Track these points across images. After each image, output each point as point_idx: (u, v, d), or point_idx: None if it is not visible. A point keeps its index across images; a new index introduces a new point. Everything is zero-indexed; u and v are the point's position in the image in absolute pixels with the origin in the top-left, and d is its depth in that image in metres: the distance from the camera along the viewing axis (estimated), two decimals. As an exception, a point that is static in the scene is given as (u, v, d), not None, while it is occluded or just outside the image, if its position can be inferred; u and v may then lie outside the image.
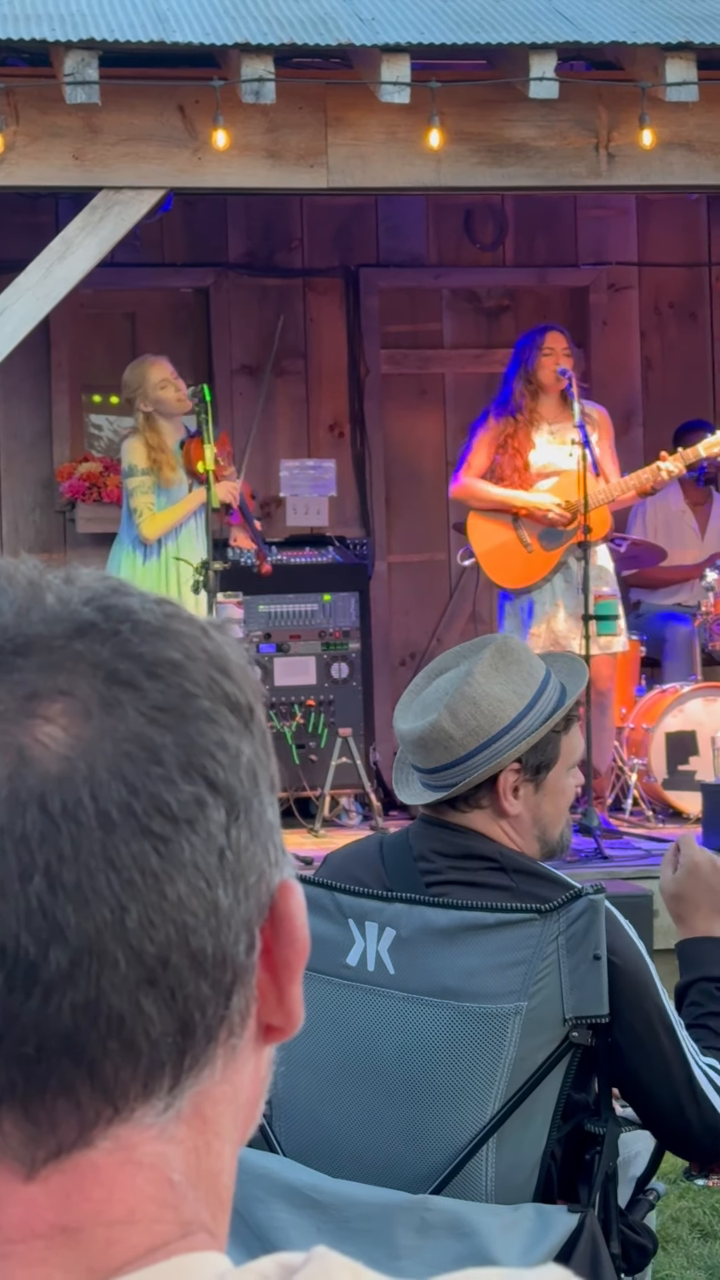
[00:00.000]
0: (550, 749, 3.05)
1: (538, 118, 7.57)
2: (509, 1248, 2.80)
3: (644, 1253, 3.08)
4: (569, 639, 8.08)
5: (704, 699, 8.77)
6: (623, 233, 10.72)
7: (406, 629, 10.42)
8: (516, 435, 8.23)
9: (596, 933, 2.84)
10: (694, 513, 9.96)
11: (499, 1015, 2.84)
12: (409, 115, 7.35)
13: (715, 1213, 4.96)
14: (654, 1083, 2.93)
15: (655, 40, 7.23)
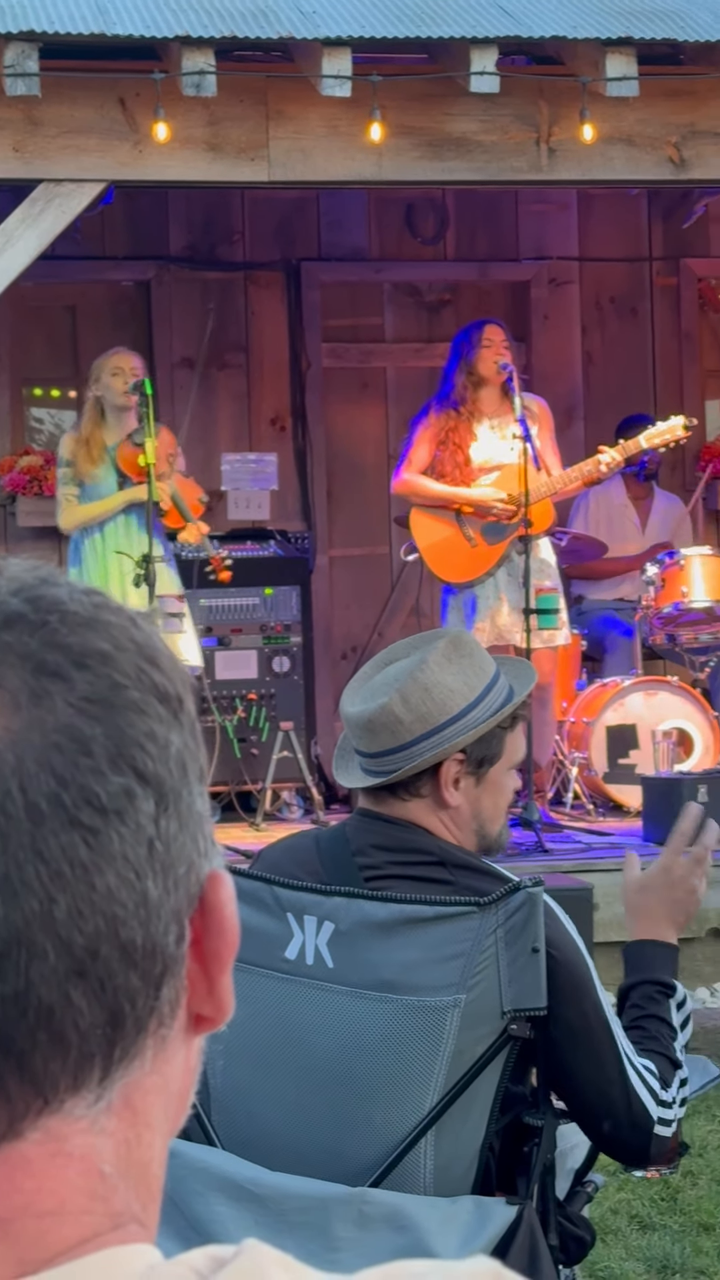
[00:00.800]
0: (495, 744, 3.06)
1: (479, 112, 7.58)
2: (447, 1240, 2.81)
3: (582, 1244, 3.09)
4: (512, 633, 8.10)
5: (644, 693, 8.81)
6: (563, 227, 10.74)
7: (348, 623, 10.42)
8: (458, 429, 8.23)
9: (535, 925, 2.84)
10: (635, 507, 9.99)
11: (437, 1008, 2.84)
12: (350, 109, 7.35)
13: (654, 1204, 4.98)
14: (587, 1078, 2.94)
15: (596, 35, 7.24)
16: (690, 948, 7.41)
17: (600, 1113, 2.96)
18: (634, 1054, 2.98)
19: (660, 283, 10.88)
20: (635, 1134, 2.96)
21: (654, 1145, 2.97)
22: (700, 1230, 4.80)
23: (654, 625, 8.97)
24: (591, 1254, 4.48)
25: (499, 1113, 2.90)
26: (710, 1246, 4.68)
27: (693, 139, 7.77)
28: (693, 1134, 5.47)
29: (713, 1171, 5.20)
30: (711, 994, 7.32)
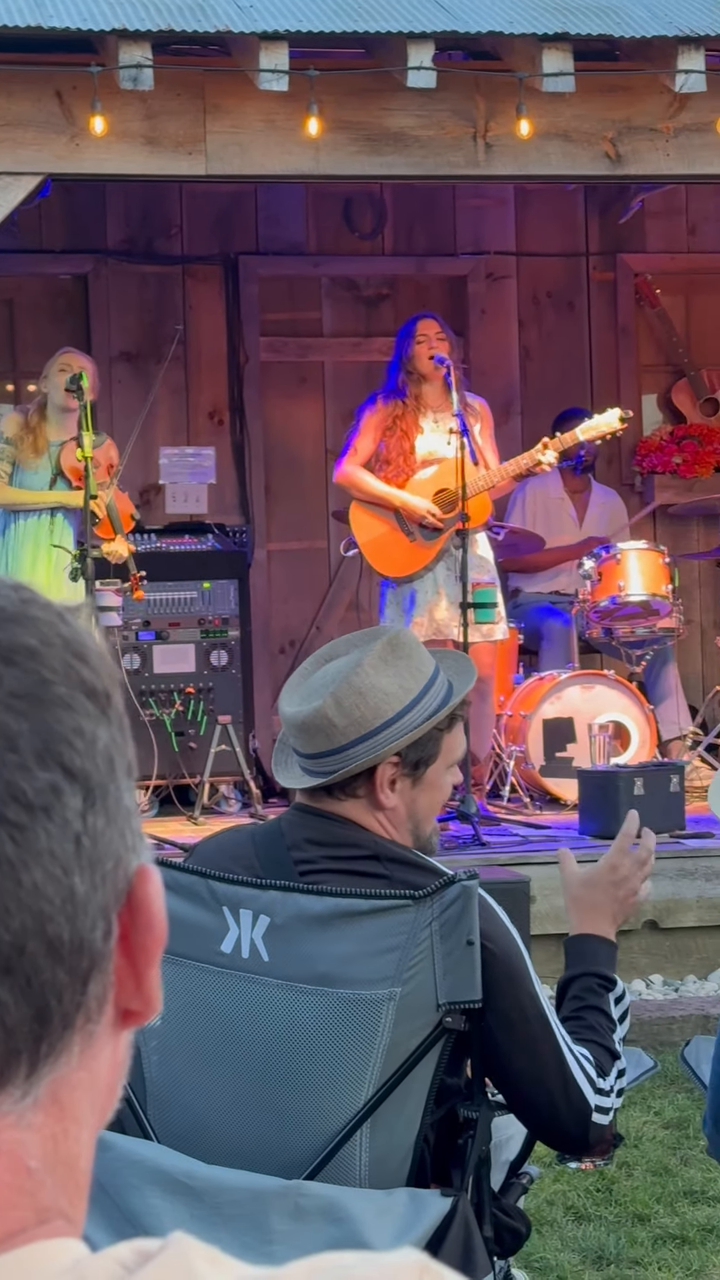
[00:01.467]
0: (431, 745, 3.05)
1: (416, 107, 7.59)
2: (382, 1232, 2.82)
3: (517, 1236, 3.10)
4: (450, 627, 8.12)
5: (581, 686, 8.84)
6: (501, 222, 10.76)
7: (286, 616, 10.42)
8: (404, 418, 8.25)
9: (469, 918, 2.86)
10: (572, 500, 10.02)
11: (373, 1001, 2.85)
12: (287, 103, 7.35)
13: (589, 1195, 5.00)
14: (525, 1069, 2.95)
15: (532, 31, 7.26)
16: (626, 940, 7.44)
17: (538, 1102, 2.97)
18: (571, 1043, 2.99)
19: (597, 278, 10.91)
20: (573, 1122, 2.97)
21: (592, 1133, 2.99)
22: (635, 1221, 4.82)
23: (591, 619, 9.00)
24: (527, 1245, 4.50)
25: (434, 1105, 2.91)
26: (645, 1237, 4.70)
27: (629, 135, 7.80)
28: (628, 1125, 5.50)
29: (648, 1163, 5.22)
30: (647, 986, 7.36)
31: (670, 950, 7.51)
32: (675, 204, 10.91)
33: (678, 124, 7.79)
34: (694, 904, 7.51)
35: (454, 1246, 2.83)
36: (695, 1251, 4.60)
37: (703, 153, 7.83)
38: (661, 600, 8.91)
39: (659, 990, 7.32)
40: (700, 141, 7.81)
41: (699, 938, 7.51)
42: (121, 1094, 1.00)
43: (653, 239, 10.96)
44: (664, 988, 7.35)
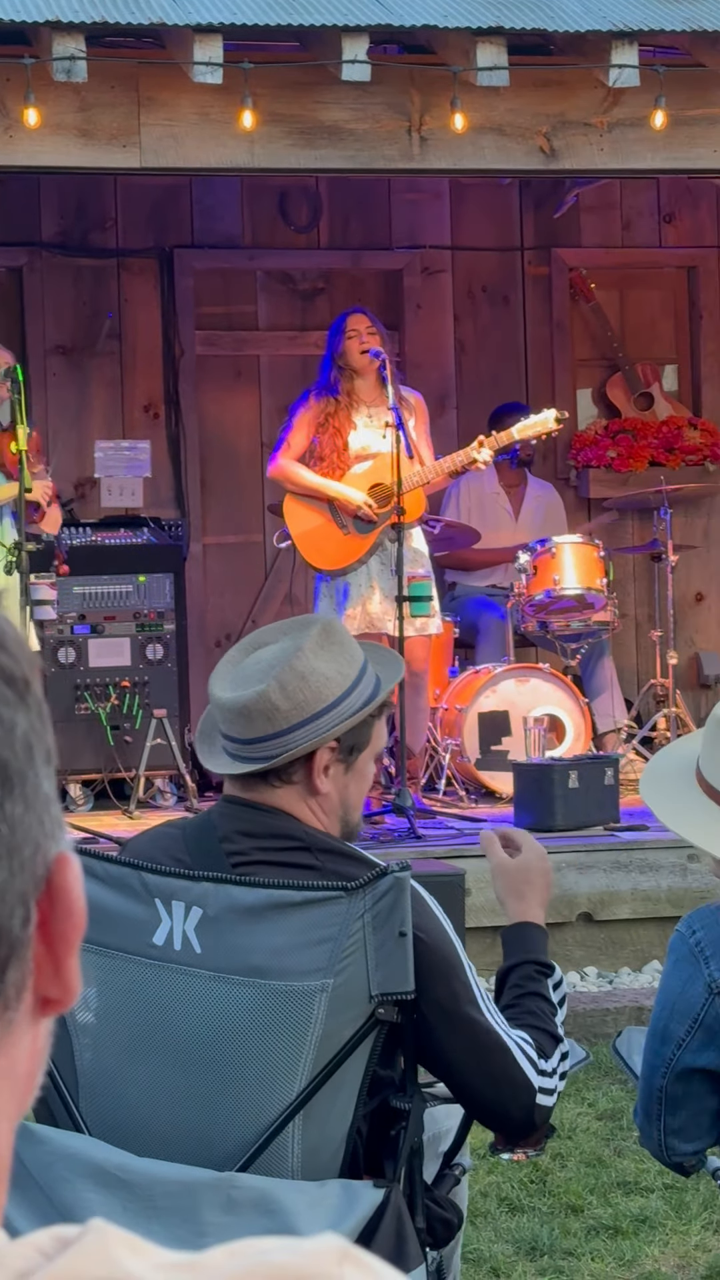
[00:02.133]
0: (365, 732, 3.08)
1: (350, 100, 7.59)
2: (315, 1223, 2.82)
3: (449, 1227, 3.11)
4: (383, 620, 8.12)
5: (516, 680, 8.86)
6: (436, 216, 10.77)
7: (221, 610, 10.42)
8: (337, 414, 8.25)
9: (402, 910, 2.86)
10: (508, 495, 10.04)
11: (305, 993, 2.85)
12: (222, 96, 7.34)
13: (524, 1187, 5.01)
14: (466, 1055, 2.96)
15: (467, 25, 7.27)
16: (561, 932, 7.47)
17: (481, 1088, 2.99)
18: (508, 1028, 3.01)
19: (532, 272, 10.93)
20: (517, 1105, 2.99)
21: (537, 1115, 3.01)
22: (568, 1212, 4.84)
23: (526, 612, 9.03)
24: (461, 1236, 4.52)
25: (367, 1096, 2.91)
26: (578, 1228, 4.72)
27: (563, 129, 7.81)
28: (562, 1117, 5.51)
29: (582, 1154, 5.24)
30: (582, 978, 7.38)
31: (605, 942, 7.54)
32: (610, 198, 10.95)
33: (611, 118, 7.81)
34: (628, 896, 7.54)
35: (386, 1237, 2.84)
36: (628, 1242, 4.62)
37: (636, 147, 7.85)
38: (596, 594, 8.94)
39: (593, 982, 7.34)
40: (634, 136, 7.83)
41: (633, 930, 7.54)
42: (49, 1084, 1.00)
43: (587, 233, 10.99)
44: (598, 980, 7.38)
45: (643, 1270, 4.46)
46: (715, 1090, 3.02)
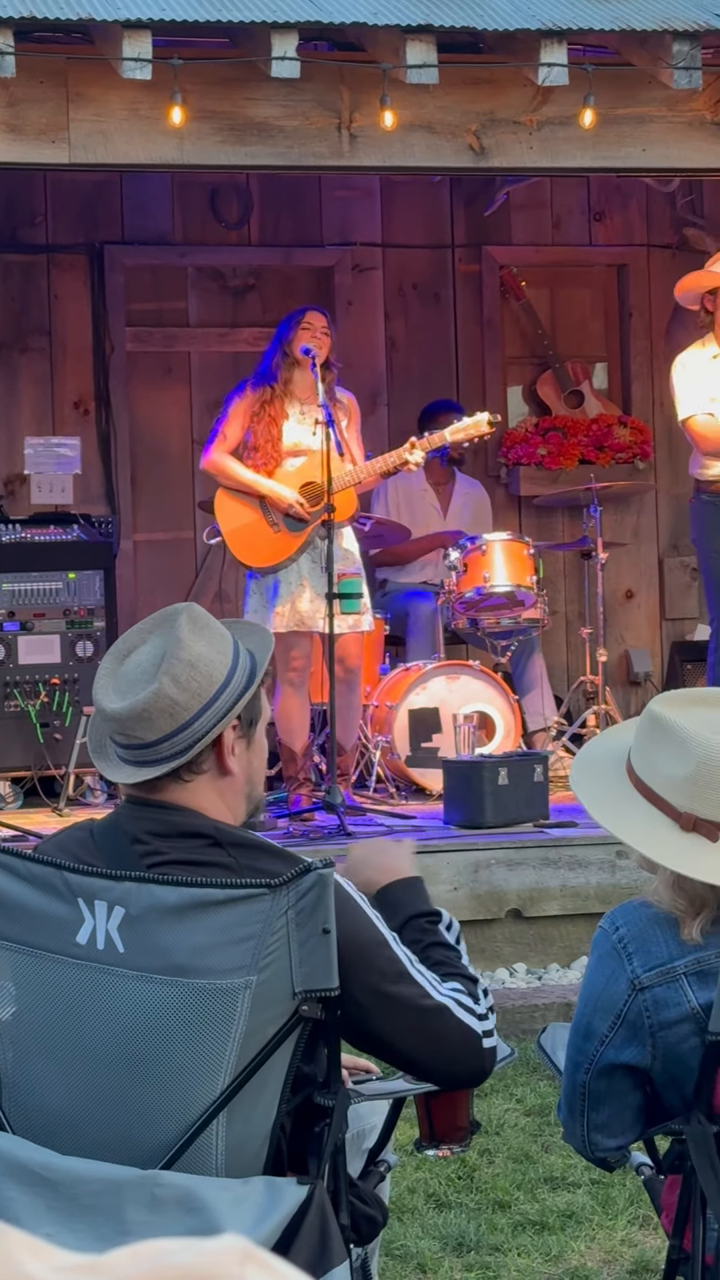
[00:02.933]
0: (257, 704, 3.09)
1: (280, 97, 7.58)
2: (239, 1220, 2.82)
3: (373, 1223, 3.11)
4: (313, 618, 8.12)
5: (446, 677, 8.88)
6: (367, 213, 10.78)
7: (152, 607, 10.26)
8: (273, 404, 8.24)
9: (325, 906, 2.86)
10: (436, 492, 10.06)
11: (228, 991, 2.85)
12: (151, 92, 7.32)
13: (451, 1183, 5.02)
14: (408, 1031, 2.97)
15: (396, 22, 7.27)
16: (490, 929, 7.49)
17: (432, 1052, 2.99)
18: (440, 983, 3.02)
19: (463, 269, 10.96)
20: (469, 1055, 3.00)
21: (487, 1060, 3.02)
22: (495, 1208, 4.85)
23: (456, 610, 9.05)
24: (388, 1232, 4.53)
25: (291, 1093, 2.91)
26: (505, 1223, 4.73)
27: (492, 127, 7.83)
28: (490, 1113, 5.53)
29: (509, 1150, 5.26)
30: (510, 975, 7.40)
31: (534, 939, 7.56)
32: (540, 197, 10.98)
33: (541, 117, 7.83)
34: (557, 893, 7.57)
35: (310, 1234, 2.84)
36: (554, 1237, 4.64)
37: (566, 146, 7.87)
38: (526, 591, 8.97)
39: (522, 979, 7.36)
40: (563, 135, 7.86)
41: (562, 926, 7.57)
42: None
43: (518, 231, 11.02)
44: (527, 976, 7.40)
45: (569, 1265, 4.48)
46: (638, 1086, 3.04)
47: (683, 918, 2.95)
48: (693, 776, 2.91)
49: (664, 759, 2.94)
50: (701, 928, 2.93)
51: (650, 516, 11.15)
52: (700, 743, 2.90)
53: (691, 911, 2.94)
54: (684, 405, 8.44)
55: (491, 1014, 3.08)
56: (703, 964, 2.92)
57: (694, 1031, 2.92)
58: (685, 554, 11.02)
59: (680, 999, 2.93)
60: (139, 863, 2.95)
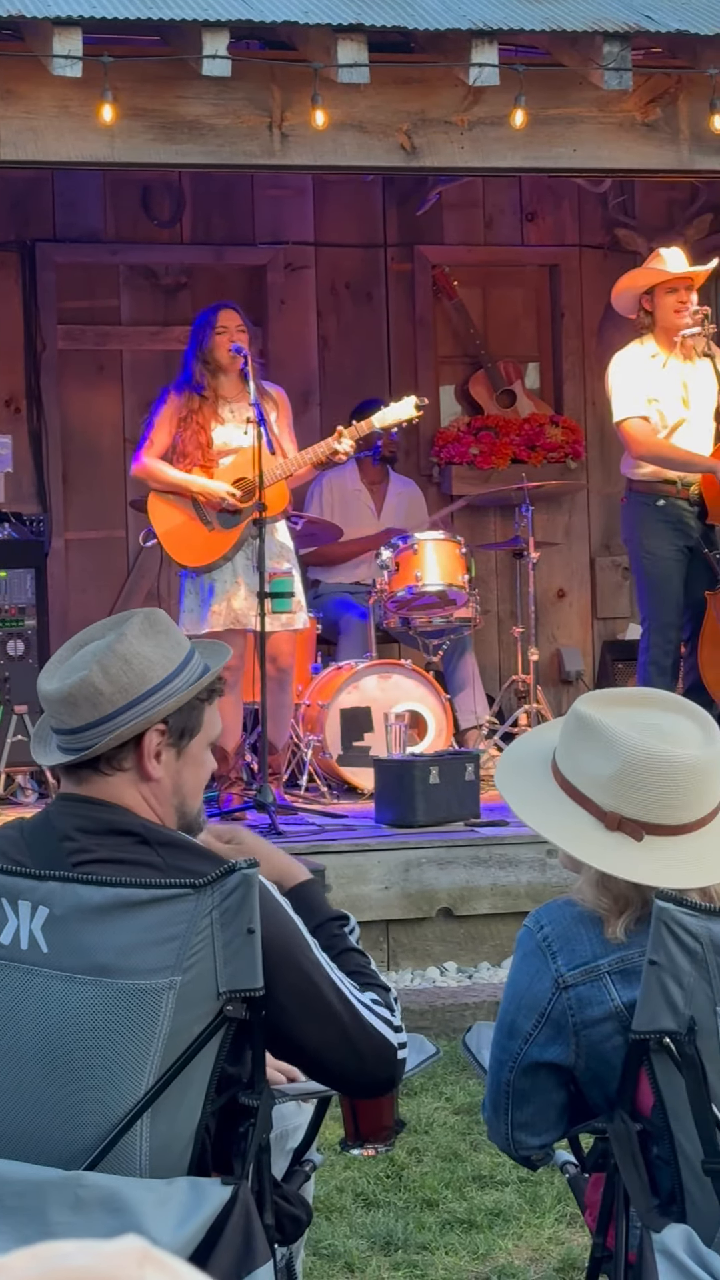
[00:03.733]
0: (195, 716, 3.07)
1: (211, 95, 7.57)
2: (163, 1221, 2.82)
3: (298, 1223, 3.11)
4: (248, 616, 8.11)
5: (378, 676, 8.88)
6: (299, 212, 10.78)
7: (84, 606, 10.36)
8: (201, 411, 8.22)
9: (250, 906, 2.86)
10: (370, 492, 10.07)
11: (153, 991, 2.85)
12: (82, 89, 7.30)
13: (379, 1182, 5.03)
14: (327, 1034, 2.97)
15: (327, 21, 7.27)
16: (420, 927, 7.50)
17: (348, 1060, 2.99)
18: (359, 991, 3.02)
19: (395, 269, 10.96)
20: (384, 1065, 3.01)
21: (398, 1071, 3.03)
22: (423, 1206, 4.86)
23: (388, 609, 9.05)
24: (315, 1232, 4.53)
25: (215, 1094, 2.91)
26: (433, 1222, 4.74)
27: (423, 127, 7.84)
28: (419, 1111, 5.54)
29: (438, 1148, 5.27)
30: (441, 973, 7.41)
31: (464, 937, 7.57)
32: (472, 196, 10.99)
33: (472, 117, 7.84)
34: (488, 891, 7.59)
35: (234, 1234, 2.84)
36: (482, 1235, 4.65)
37: (497, 146, 7.89)
38: (458, 590, 8.98)
39: (453, 977, 7.38)
40: (494, 135, 7.87)
41: (493, 925, 7.59)
42: None
43: (450, 231, 11.03)
44: (458, 974, 7.41)
45: (496, 1264, 4.49)
46: (562, 1084, 3.05)
47: (607, 916, 2.96)
48: (617, 775, 2.92)
49: (589, 758, 2.95)
50: (625, 926, 2.94)
51: (582, 516, 11.19)
52: (625, 742, 2.91)
53: (616, 910, 2.95)
54: (619, 407, 8.47)
55: (402, 1026, 3.09)
56: (626, 963, 2.93)
57: (617, 1030, 2.93)
58: (617, 553, 11.06)
59: (604, 997, 2.94)
60: (66, 861, 2.94)
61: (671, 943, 2.78)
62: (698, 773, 2.89)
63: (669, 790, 2.89)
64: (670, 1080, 2.81)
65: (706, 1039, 2.79)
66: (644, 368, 8.48)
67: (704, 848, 2.91)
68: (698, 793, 2.90)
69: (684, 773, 2.89)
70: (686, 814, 2.90)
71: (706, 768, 2.90)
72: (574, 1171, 3.22)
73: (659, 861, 2.89)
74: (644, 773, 2.90)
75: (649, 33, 7.56)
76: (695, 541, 8.54)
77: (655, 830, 2.91)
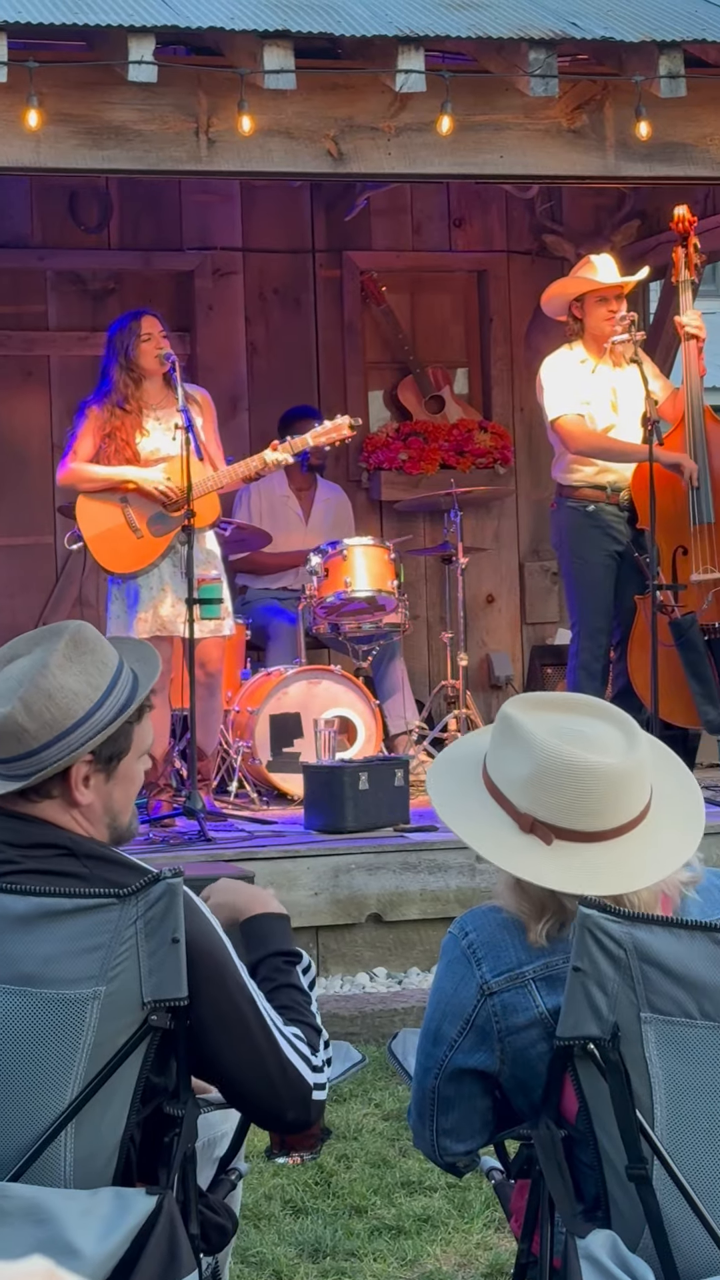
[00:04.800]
0: (123, 740, 3.06)
1: (138, 101, 7.55)
2: (87, 1232, 2.81)
3: (223, 1232, 3.11)
4: (175, 623, 8.09)
5: (307, 681, 8.88)
6: (227, 218, 10.77)
7: (12, 612, 10.32)
8: (123, 425, 8.17)
9: (174, 916, 2.86)
10: (298, 498, 10.06)
11: (77, 1001, 2.84)
12: (7, 95, 7.27)
13: (308, 1189, 5.02)
14: (241, 1057, 2.96)
15: (253, 28, 7.26)
16: (350, 933, 7.50)
17: (258, 1090, 2.99)
18: (282, 1025, 3.02)
19: (323, 274, 10.97)
20: (295, 1103, 3.00)
21: (313, 1111, 3.02)
22: (352, 1213, 4.86)
23: (317, 614, 9.05)
24: (243, 1239, 4.53)
25: (140, 1103, 2.91)
26: (361, 1228, 4.74)
27: (350, 133, 7.83)
28: (348, 1118, 5.53)
29: (366, 1154, 5.26)
30: (371, 979, 7.41)
31: (394, 943, 7.58)
32: (400, 202, 11.01)
33: (399, 123, 7.85)
34: (417, 897, 7.59)
35: (159, 1245, 2.83)
36: (410, 1241, 4.65)
37: (424, 152, 7.89)
38: (387, 596, 8.98)
39: (383, 983, 7.38)
40: (420, 141, 7.87)
41: (422, 930, 7.59)
42: None
43: (378, 237, 11.04)
44: (388, 980, 7.41)
45: (424, 1270, 4.49)
46: (487, 1091, 3.05)
47: (526, 921, 2.96)
48: (532, 778, 2.92)
49: (510, 759, 2.95)
50: (546, 932, 2.94)
51: (511, 521, 11.21)
52: (542, 746, 2.91)
53: (534, 914, 2.95)
54: (553, 406, 8.51)
55: (328, 1068, 3.08)
56: (551, 969, 2.93)
57: (542, 1036, 2.93)
58: (546, 558, 11.09)
59: (529, 1004, 2.94)
60: (-9, 871, 2.93)
61: (595, 949, 2.78)
62: (613, 781, 2.89)
63: (581, 797, 2.89)
64: (594, 1086, 2.82)
65: (630, 1045, 2.79)
66: (574, 371, 8.52)
67: (619, 856, 2.90)
68: (613, 801, 2.90)
69: (598, 780, 2.89)
70: (599, 821, 2.90)
71: (623, 777, 2.90)
72: (499, 1178, 3.23)
73: (568, 867, 2.89)
74: (558, 777, 2.90)
75: (575, 40, 7.57)
76: (625, 546, 8.58)
77: (566, 835, 2.91)
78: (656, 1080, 2.79)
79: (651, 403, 8.12)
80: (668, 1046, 2.80)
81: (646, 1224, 2.79)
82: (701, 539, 8.56)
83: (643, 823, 2.93)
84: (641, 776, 2.94)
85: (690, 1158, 2.79)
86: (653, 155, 8.13)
